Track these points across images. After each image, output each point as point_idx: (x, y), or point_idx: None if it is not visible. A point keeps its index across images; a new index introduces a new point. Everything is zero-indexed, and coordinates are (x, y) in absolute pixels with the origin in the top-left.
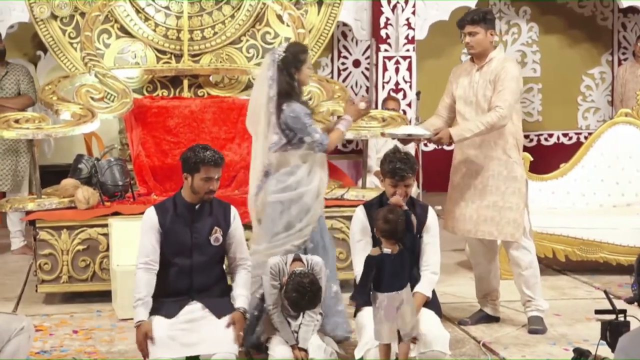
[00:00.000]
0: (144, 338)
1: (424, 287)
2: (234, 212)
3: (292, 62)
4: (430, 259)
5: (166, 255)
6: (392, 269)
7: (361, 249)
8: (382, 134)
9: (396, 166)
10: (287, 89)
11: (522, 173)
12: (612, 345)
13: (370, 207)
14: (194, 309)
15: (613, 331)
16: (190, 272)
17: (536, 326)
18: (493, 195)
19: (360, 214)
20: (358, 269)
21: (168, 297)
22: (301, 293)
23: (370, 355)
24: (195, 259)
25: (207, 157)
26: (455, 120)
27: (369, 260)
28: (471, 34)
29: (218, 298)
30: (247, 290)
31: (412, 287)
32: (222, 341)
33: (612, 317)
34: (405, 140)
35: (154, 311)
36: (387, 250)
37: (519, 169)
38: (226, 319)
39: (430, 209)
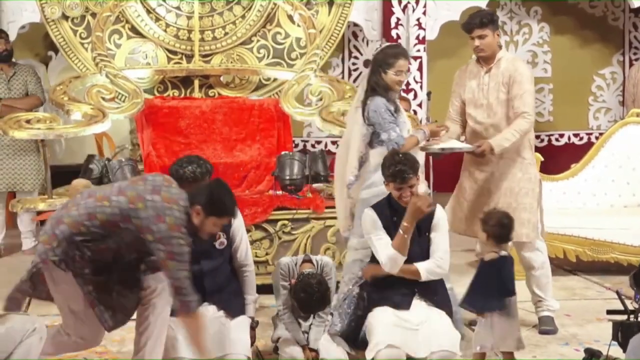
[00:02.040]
0: None
1: (421, 265)
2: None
3: (381, 62)
4: (437, 251)
5: None
6: (509, 272)
7: (383, 241)
8: (422, 149)
9: (396, 169)
10: (374, 85)
11: (535, 174)
12: (624, 346)
13: (380, 209)
14: (208, 310)
15: (625, 332)
16: (201, 277)
17: (547, 326)
18: (507, 197)
19: (369, 213)
20: (388, 252)
21: None
22: (309, 294)
23: (382, 356)
24: (203, 265)
25: (187, 174)
26: (468, 124)
27: (488, 266)
28: (480, 37)
29: (231, 298)
30: (252, 296)
31: (422, 286)
32: (235, 342)
33: (624, 317)
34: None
35: None
36: (503, 252)
37: (532, 169)
38: (240, 320)
39: (438, 207)
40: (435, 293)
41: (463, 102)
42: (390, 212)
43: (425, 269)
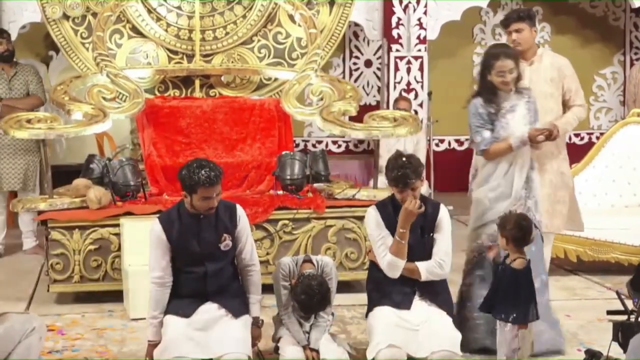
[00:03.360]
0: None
1: (422, 265)
2: (239, 212)
3: (483, 64)
4: (438, 252)
5: (178, 264)
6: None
7: (384, 242)
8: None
9: (398, 174)
10: (478, 87)
11: (569, 169)
12: (624, 346)
13: (383, 208)
14: (210, 309)
15: (625, 332)
16: (205, 278)
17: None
18: (547, 188)
19: (373, 212)
20: (386, 259)
21: (183, 298)
22: (310, 295)
23: (382, 356)
24: (208, 267)
25: (202, 178)
26: None
27: (518, 273)
28: (518, 30)
29: (233, 298)
30: (258, 295)
31: (423, 286)
32: (236, 341)
33: (624, 317)
34: None
35: (169, 310)
36: (528, 257)
37: (566, 165)
38: (242, 319)
39: (442, 206)
40: (436, 293)
41: None
42: (393, 211)
43: (425, 269)
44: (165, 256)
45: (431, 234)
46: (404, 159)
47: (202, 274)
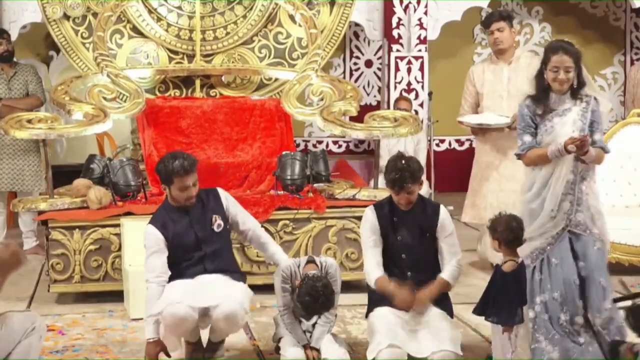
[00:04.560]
0: (156, 353)
1: (447, 274)
2: (222, 194)
3: (542, 57)
4: (455, 254)
5: (177, 255)
6: (526, 278)
7: (372, 245)
8: (460, 123)
9: (396, 176)
10: (535, 83)
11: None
12: (637, 328)
13: (381, 208)
14: (209, 277)
15: (636, 314)
16: (203, 259)
17: None
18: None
19: (370, 213)
20: (369, 266)
21: (182, 277)
22: (314, 297)
23: (383, 356)
24: (205, 249)
25: (176, 167)
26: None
27: (508, 276)
28: (500, 29)
29: (232, 272)
30: (276, 245)
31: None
32: (233, 294)
33: (630, 303)
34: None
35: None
36: (520, 259)
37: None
38: (240, 284)
39: (442, 208)
40: None
41: (477, 96)
42: (390, 213)
43: (452, 278)
44: (163, 255)
45: (428, 235)
46: (403, 161)
47: (201, 257)
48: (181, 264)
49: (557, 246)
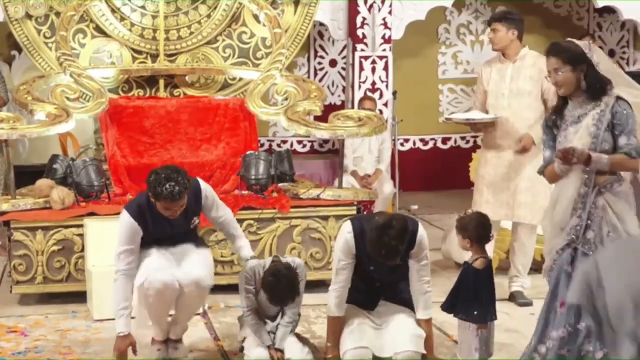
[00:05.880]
0: (126, 347)
1: (424, 311)
2: (202, 192)
3: None
4: (425, 276)
5: (148, 240)
6: (493, 276)
7: (343, 269)
8: (447, 119)
9: (376, 252)
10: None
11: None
12: None
13: (361, 238)
14: (177, 248)
15: None
16: (173, 243)
17: (523, 299)
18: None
19: (349, 238)
20: (332, 300)
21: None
22: (277, 277)
23: (349, 356)
24: (177, 237)
25: (165, 193)
26: (489, 113)
27: (479, 273)
28: (494, 30)
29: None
30: (244, 238)
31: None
32: (200, 265)
33: None
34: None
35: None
36: (489, 256)
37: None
38: (204, 249)
39: (420, 227)
40: (400, 292)
41: (485, 95)
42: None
43: (427, 309)
44: (135, 244)
45: (402, 263)
46: (386, 238)
47: (171, 242)
48: (150, 245)
49: (556, 264)
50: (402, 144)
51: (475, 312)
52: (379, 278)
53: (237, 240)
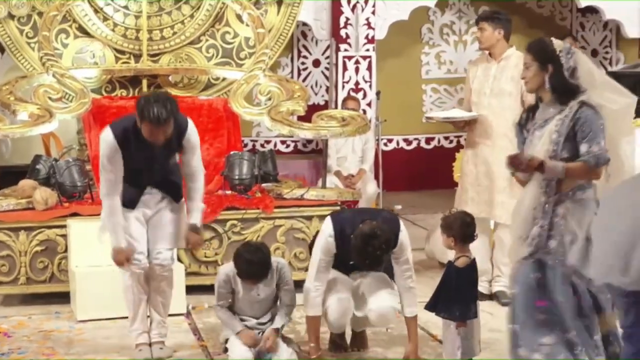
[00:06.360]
0: (124, 259)
1: (411, 309)
2: (189, 130)
3: None
4: (409, 277)
5: (127, 164)
6: (477, 275)
7: (322, 268)
8: (428, 118)
9: (359, 259)
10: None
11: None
12: None
13: (341, 239)
14: (152, 198)
15: None
16: (151, 172)
17: (506, 299)
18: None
19: (330, 240)
20: (311, 300)
21: (131, 185)
22: (249, 251)
23: (332, 304)
24: (155, 166)
25: (150, 116)
26: (472, 111)
27: (462, 272)
28: (481, 29)
29: (174, 184)
30: (199, 203)
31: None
32: (168, 237)
33: None
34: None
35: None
36: (472, 255)
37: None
38: (178, 205)
39: (402, 228)
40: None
41: (471, 91)
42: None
43: (413, 307)
44: (116, 163)
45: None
46: (370, 248)
47: (150, 171)
48: (130, 170)
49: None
50: (385, 144)
51: (457, 311)
52: (359, 269)
53: (190, 202)
